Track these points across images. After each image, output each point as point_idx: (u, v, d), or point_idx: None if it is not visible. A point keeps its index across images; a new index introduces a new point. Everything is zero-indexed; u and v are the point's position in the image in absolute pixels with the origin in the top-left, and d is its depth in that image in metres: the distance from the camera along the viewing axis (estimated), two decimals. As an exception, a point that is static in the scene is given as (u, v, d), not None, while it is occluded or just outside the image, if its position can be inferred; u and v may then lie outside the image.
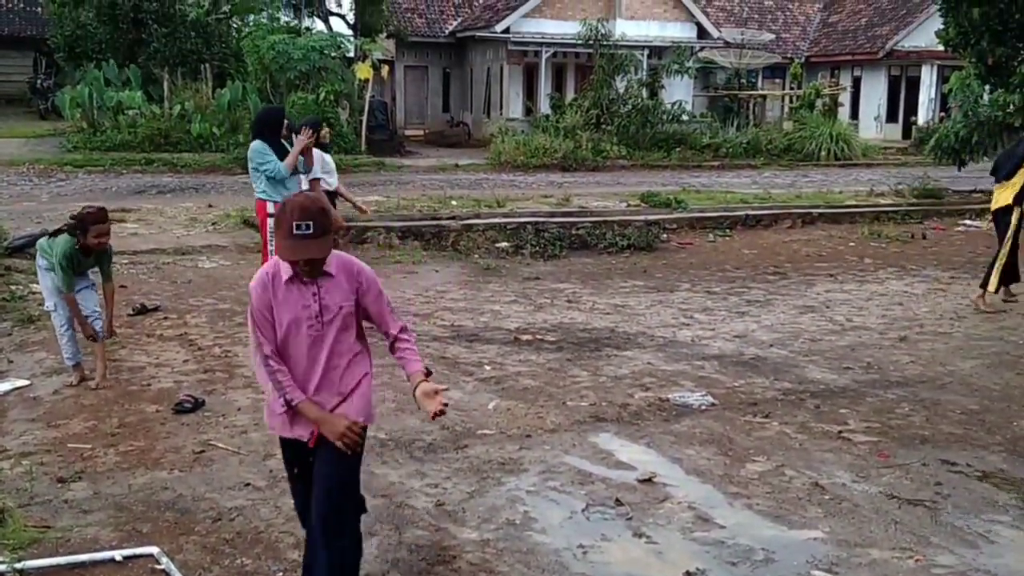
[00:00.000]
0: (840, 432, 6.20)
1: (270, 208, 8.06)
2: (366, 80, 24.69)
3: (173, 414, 6.19)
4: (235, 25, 28.85)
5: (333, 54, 25.32)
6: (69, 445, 5.64)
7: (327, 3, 29.34)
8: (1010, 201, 9.62)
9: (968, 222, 16.51)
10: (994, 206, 9.94)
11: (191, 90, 25.02)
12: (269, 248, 8.10)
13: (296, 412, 3.58)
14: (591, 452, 5.77)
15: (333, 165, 9.97)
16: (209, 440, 5.77)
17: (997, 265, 9.75)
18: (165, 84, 25.14)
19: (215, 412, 6.26)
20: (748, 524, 4.85)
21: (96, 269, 6.78)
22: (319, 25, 29.13)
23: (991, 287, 9.84)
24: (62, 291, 6.59)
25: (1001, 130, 17.81)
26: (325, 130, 9.83)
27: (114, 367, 7.13)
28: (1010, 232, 9.66)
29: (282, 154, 8.18)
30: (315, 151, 8.65)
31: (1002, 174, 9.76)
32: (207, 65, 26.28)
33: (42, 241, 6.81)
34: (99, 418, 6.11)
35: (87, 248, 6.53)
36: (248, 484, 5.14)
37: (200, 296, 9.72)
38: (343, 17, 29.35)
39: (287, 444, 3.75)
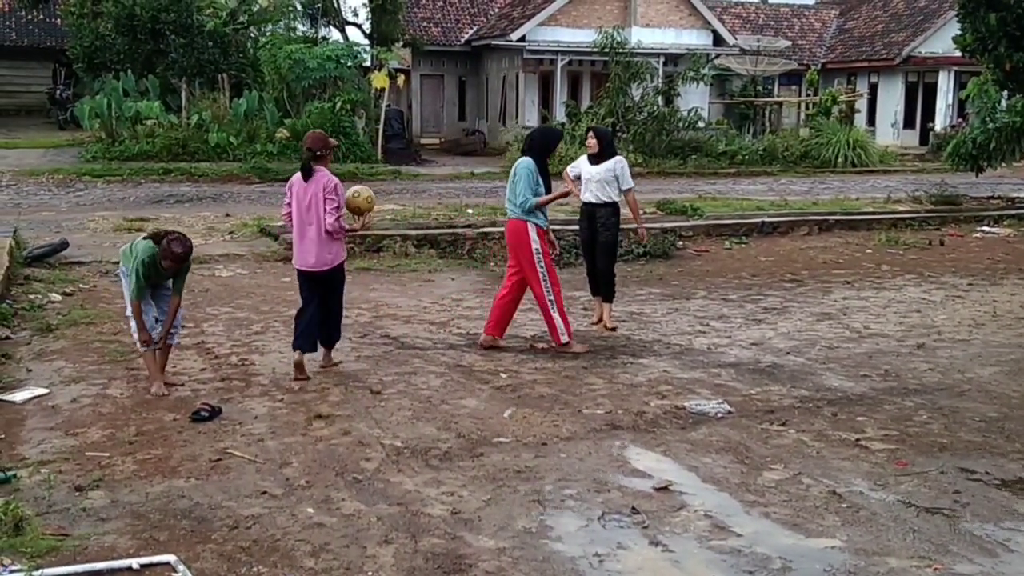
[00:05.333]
0: (857, 440, 6.17)
1: (531, 232, 8.03)
2: (382, 89, 24.77)
3: (190, 422, 6.22)
4: (252, 35, 29.04)
5: (349, 63, 25.44)
6: (87, 453, 5.67)
7: (343, 13, 29.48)
8: None
9: (986, 228, 16.42)
10: None
11: (208, 100, 25.22)
12: (539, 269, 8.00)
13: None
14: (607, 460, 5.76)
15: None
16: (226, 448, 5.79)
17: None
18: (183, 94, 25.35)
19: (232, 420, 6.29)
20: (765, 532, 4.83)
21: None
22: (336, 35, 29.27)
23: None
24: (130, 297, 6.63)
25: (1019, 136, 17.68)
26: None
27: (131, 376, 7.18)
28: None
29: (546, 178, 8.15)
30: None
31: None
32: (224, 75, 26.46)
33: (124, 247, 6.89)
34: (116, 426, 6.14)
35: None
36: (265, 492, 5.16)
37: (217, 305, 9.77)
38: (359, 27, 29.46)
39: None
